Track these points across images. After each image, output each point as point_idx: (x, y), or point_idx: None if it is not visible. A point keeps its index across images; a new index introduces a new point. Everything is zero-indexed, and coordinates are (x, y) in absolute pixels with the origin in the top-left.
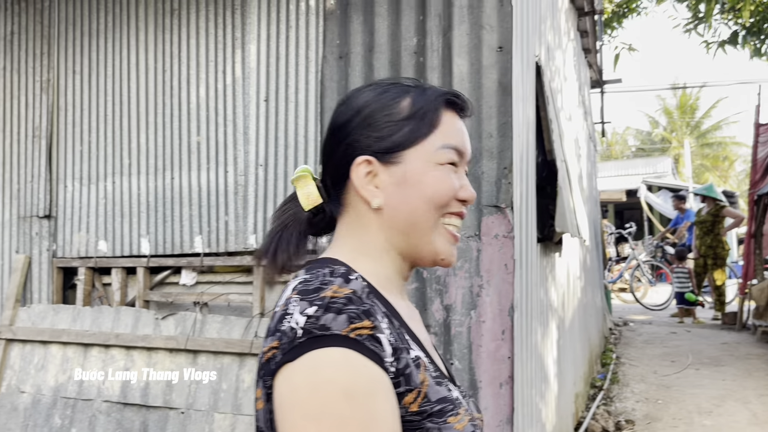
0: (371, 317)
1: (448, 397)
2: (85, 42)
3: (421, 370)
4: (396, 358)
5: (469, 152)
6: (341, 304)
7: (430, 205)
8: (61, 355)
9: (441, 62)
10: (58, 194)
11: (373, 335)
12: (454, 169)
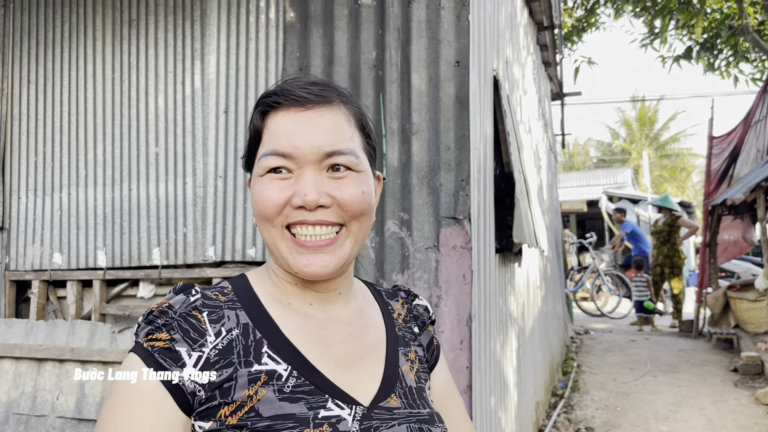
0: (165, 332)
1: (296, 415)
2: (40, 51)
3: (255, 386)
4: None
5: (303, 149)
6: (153, 316)
7: (259, 221)
8: (14, 371)
9: (400, 76)
10: (11, 206)
11: (167, 348)
12: (283, 175)
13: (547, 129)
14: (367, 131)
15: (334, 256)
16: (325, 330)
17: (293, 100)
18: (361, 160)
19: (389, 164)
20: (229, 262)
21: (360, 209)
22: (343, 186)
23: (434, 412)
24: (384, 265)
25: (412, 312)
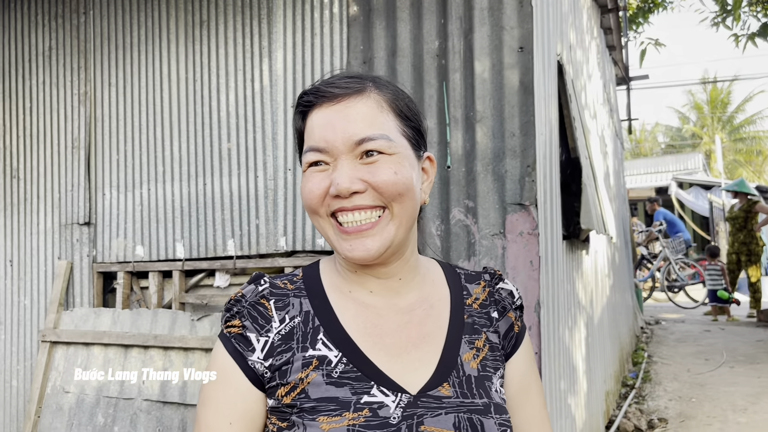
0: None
1: (340, 399)
2: (119, 55)
3: (309, 370)
4: (272, 356)
5: (335, 141)
6: (230, 304)
7: (308, 213)
8: (103, 356)
9: (462, 64)
10: (97, 202)
11: (240, 335)
12: (321, 168)
13: (612, 114)
14: (404, 114)
15: (376, 240)
16: (381, 318)
17: (324, 97)
18: (396, 142)
19: (453, 152)
20: (300, 252)
21: (395, 190)
22: (375, 170)
23: (493, 403)
24: (450, 252)
25: (493, 296)
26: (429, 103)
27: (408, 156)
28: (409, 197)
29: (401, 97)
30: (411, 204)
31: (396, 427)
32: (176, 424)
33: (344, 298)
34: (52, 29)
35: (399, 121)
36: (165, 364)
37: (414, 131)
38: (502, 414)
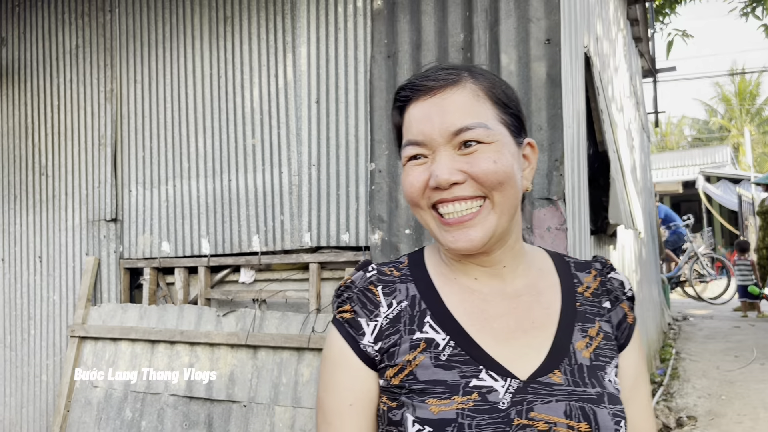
0: (349, 304)
1: (448, 382)
2: (145, 52)
3: (416, 352)
4: (381, 339)
5: (432, 133)
6: (341, 291)
7: (410, 206)
8: (130, 351)
9: (488, 57)
10: (123, 198)
11: (351, 319)
12: (421, 161)
13: (639, 107)
14: (502, 101)
15: (478, 230)
16: (487, 304)
17: (420, 90)
18: (494, 131)
19: None
20: (324, 247)
21: (495, 179)
22: (474, 160)
23: (607, 393)
24: None
25: (605, 285)
26: None
27: (507, 143)
28: (509, 185)
29: (498, 84)
30: (512, 192)
31: (505, 412)
32: (202, 419)
33: (449, 283)
34: (78, 27)
35: (497, 108)
36: (191, 359)
37: (513, 118)
38: (616, 404)
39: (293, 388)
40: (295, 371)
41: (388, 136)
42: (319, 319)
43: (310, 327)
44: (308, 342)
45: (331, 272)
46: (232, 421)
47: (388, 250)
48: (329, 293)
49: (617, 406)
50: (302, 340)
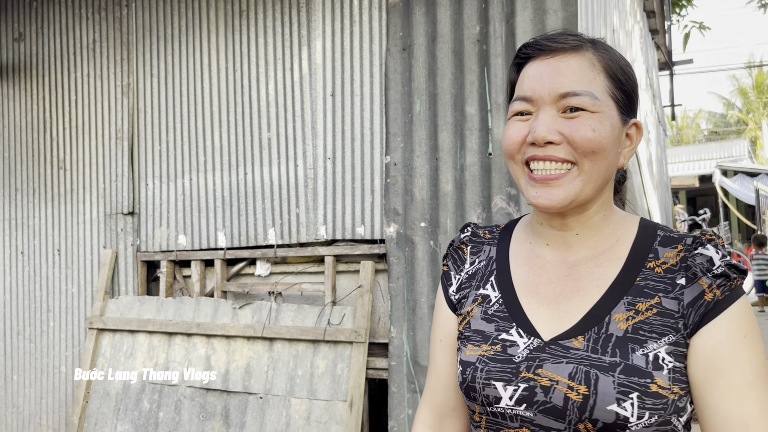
0: (446, 260)
1: (485, 332)
2: (161, 47)
3: (474, 305)
4: (459, 291)
5: (542, 92)
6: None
7: (506, 159)
8: (148, 343)
9: (504, 49)
10: (140, 192)
11: (446, 272)
12: (525, 117)
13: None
14: (617, 76)
15: (561, 191)
16: (545, 269)
17: (541, 50)
18: (601, 102)
19: (495, 139)
20: (340, 240)
21: (589, 147)
22: (574, 125)
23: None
24: None
25: (686, 261)
26: (470, 89)
27: (611, 117)
28: (602, 156)
29: (617, 60)
30: (604, 164)
31: (516, 365)
32: (219, 410)
33: (522, 247)
34: (95, 22)
35: (610, 82)
36: (208, 351)
37: (625, 95)
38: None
39: (309, 381)
40: (311, 363)
41: (404, 129)
42: (335, 311)
43: (326, 319)
44: (324, 334)
45: (346, 265)
46: (249, 413)
47: (403, 242)
48: (344, 286)
49: (633, 378)
50: (318, 333)
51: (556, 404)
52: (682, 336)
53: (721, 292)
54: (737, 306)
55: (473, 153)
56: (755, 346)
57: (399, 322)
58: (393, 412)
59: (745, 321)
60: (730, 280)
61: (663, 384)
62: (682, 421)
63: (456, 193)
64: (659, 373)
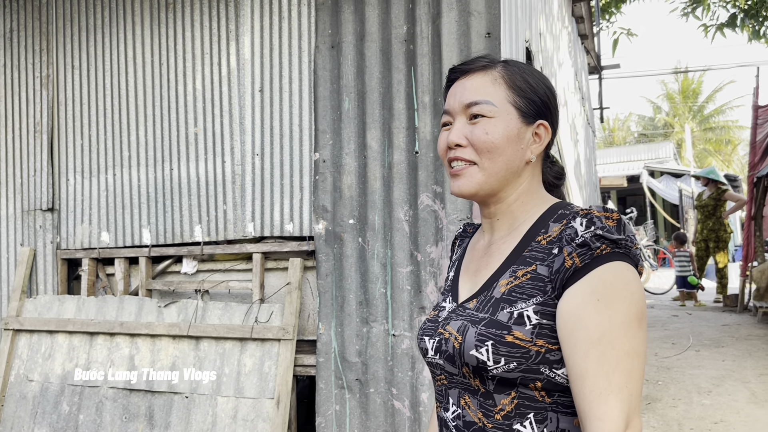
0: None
1: (436, 303)
2: (83, 37)
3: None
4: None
5: (454, 105)
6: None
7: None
8: (68, 344)
9: (431, 49)
10: (61, 187)
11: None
12: (448, 128)
13: (584, 103)
14: (517, 86)
15: (464, 182)
16: (477, 251)
17: (460, 73)
18: (498, 109)
19: (421, 137)
20: (269, 237)
21: (483, 146)
22: (474, 129)
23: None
24: (418, 237)
25: (561, 233)
26: (397, 88)
27: (508, 120)
28: (497, 153)
29: (522, 72)
30: (501, 159)
31: (439, 323)
32: (143, 411)
33: (477, 237)
34: (13, 10)
35: (511, 92)
36: (131, 351)
37: (528, 102)
38: (491, 328)
39: (236, 379)
40: (238, 362)
41: (332, 126)
42: (263, 309)
43: (253, 317)
44: (251, 332)
45: (275, 262)
46: (174, 413)
47: (331, 239)
48: (273, 283)
49: (491, 329)
50: (245, 331)
51: (450, 352)
52: (551, 298)
53: (581, 260)
54: (597, 272)
55: (401, 151)
56: (608, 310)
57: (327, 319)
58: (321, 408)
59: (602, 286)
60: (591, 249)
61: (522, 336)
62: (560, 372)
63: (384, 191)
64: (520, 328)
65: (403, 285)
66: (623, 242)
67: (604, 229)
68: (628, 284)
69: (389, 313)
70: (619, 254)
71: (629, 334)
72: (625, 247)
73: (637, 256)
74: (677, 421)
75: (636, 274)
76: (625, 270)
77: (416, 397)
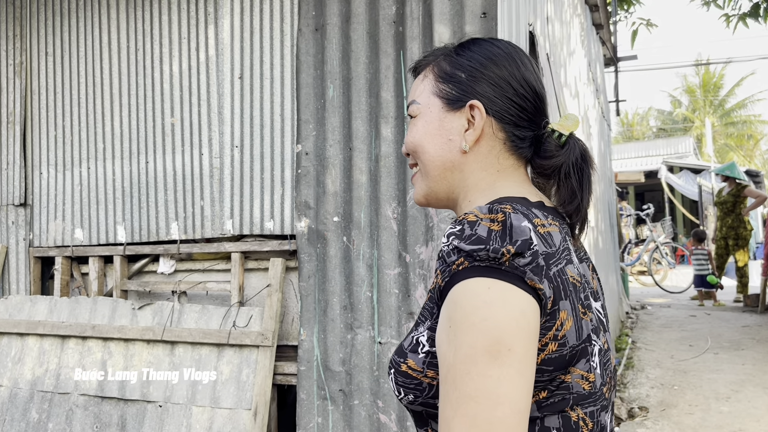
0: None
1: None
2: (57, 22)
3: None
4: None
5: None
6: None
7: None
8: (38, 348)
9: (421, 31)
10: (34, 181)
11: None
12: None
13: (598, 95)
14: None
15: (417, 189)
16: None
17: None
18: (422, 105)
19: None
20: (248, 236)
21: (410, 148)
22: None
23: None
24: (407, 237)
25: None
26: (385, 74)
27: (428, 114)
28: (421, 151)
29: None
30: (426, 157)
31: None
32: (115, 420)
33: None
34: None
35: (436, 82)
36: (104, 356)
37: (452, 85)
38: (395, 355)
39: (212, 388)
40: (215, 369)
41: (316, 115)
42: (242, 312)
43: (231, 321)
44: (228, 338)
45: (256, 262)
46: (146, 423)
47: (314, 238)
48: (255, 284)
49: (395, 356)
50: (222, 336)
51: None
52: (435, 321)
53: (443, 278)
54: (452, 292)
55: (388, 143)
56: (455, 341)
57: (309, 324)
58: (301, 420)
59: (454, 310)
60: (448, 265)
61: (414, 366)
62: None
63: (371, 186)
64: (414, 356)
65: (390, 288)
66: (479, 254)
67: (463, 238)
68: (477, 309)
69: (375, 318)
70: (480, 269)
71: (474, 372)
72: (489, 260)
73: (519, 269)
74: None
75: (502, 292)
76: (478, 289)
77: (403, 410)
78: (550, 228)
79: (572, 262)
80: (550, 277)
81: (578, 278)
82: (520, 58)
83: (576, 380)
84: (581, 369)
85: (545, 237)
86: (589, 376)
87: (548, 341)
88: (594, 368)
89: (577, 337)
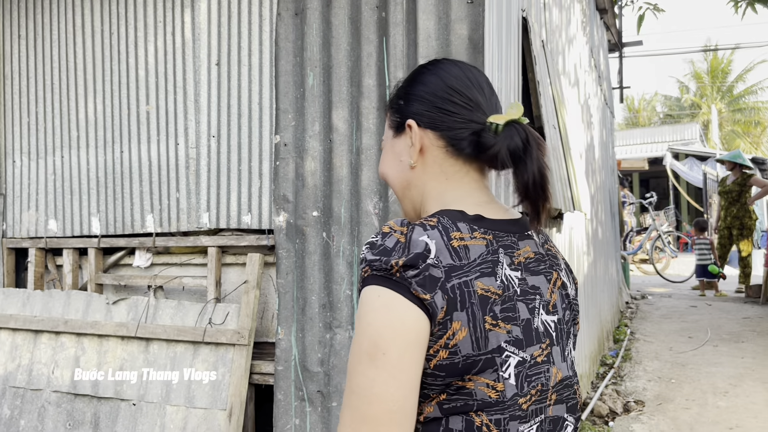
0: None
1: None
2: (29, 4)
3: None
4: None
5: None
6: None
7: None
8: (11, 342)
9: (405, 17)
10: (6, 170)
11: None
12: None
13: (601, 82)
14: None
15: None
16: None
17: None
18: (384, 138)
19: None
20: (225, 230)
21: (382, 179)
22: None
23: None
24: None
25: None
26: (368, 61)
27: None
28: (390, 179)
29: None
30: (390, 181)
31: None
32: (88, 418)
33: None
34: None
35: (388, 115)
36: (77, 352)
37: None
38: None
39: (187, 387)
40: (190, 367)
41: (295, 104)
42: (218, 309)
43: (207, 318)
44: (203, 336)
45: (234, 257)
46: (120, 422)
47: (293, 233)
48: (233, 280)
49: None
50: (197, 333)
51: None
52: None
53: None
54: (360, 296)
55: (370, 134)
56: (354, 337)
57: (287, 323)
58: (278, 422)
59: (358, 312)
60: (360, 271)
61: None
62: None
63: (351, 179)
64: None
65: None
66: (375, 264)
67: (373, 248)
68: (366, 314)
69: (354, 318)
70: (376, 277)
71: (358, 370)
72: (382, 270)
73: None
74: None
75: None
76: (371, 296)
77: None
78: (470, 242)
79: (492, 275)
80: (446, 288)
81: (495, 290)
82: (445, 70)
83: (480, 388)
84: (487, 378)
85: (458, 250)
86: (496, 386)
87: (439, 348)
88: (505, 378)
89: (475, 348)
